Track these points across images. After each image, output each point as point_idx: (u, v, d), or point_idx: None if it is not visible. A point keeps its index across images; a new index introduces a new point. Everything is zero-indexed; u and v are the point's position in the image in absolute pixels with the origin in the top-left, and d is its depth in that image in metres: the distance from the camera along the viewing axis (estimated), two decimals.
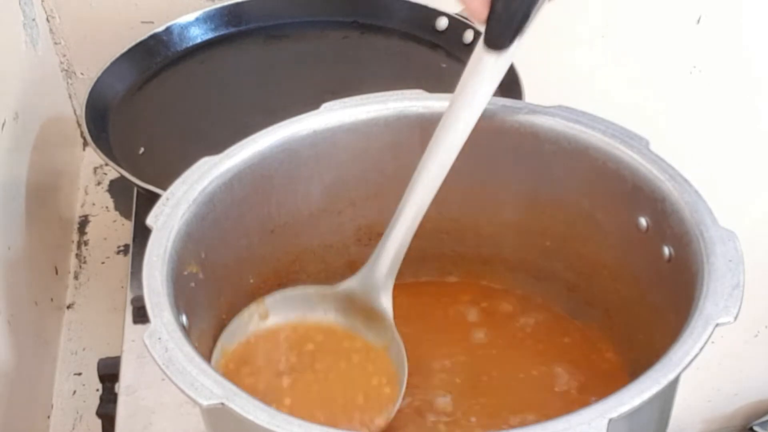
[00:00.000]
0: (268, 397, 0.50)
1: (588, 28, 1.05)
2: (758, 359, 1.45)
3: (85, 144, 0.96)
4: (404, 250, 0.52)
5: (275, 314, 0.54)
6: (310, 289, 0.55)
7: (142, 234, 0.63)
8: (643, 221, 0.50)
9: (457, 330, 0.58)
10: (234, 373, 0.51)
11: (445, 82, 0.82)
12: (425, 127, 0.55)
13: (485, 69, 0.47)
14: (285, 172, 0.54)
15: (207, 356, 0.41)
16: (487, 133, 0.54)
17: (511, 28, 0.45)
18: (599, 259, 0.55)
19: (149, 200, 0.59)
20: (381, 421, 0.51)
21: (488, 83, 0.48)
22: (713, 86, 1.13)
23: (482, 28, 0.46)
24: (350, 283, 0.54)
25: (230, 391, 0.39)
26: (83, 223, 0.90)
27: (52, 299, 0.81)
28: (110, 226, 0.89)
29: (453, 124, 0.49)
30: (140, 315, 0.68)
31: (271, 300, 0.55)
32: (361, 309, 0.54)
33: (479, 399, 0.54)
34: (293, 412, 0.46)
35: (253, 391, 0.41)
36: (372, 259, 0.53)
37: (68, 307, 0.83)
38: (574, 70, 1.07)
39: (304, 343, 0.53)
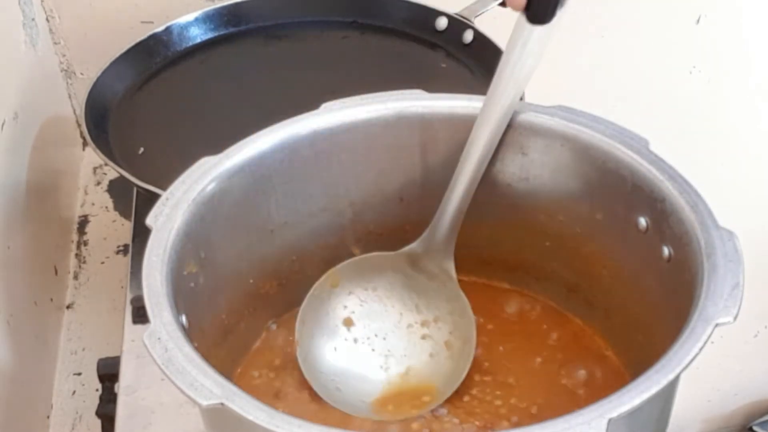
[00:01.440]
0: None
1: (588, 28, 1.05)
2: (758, 359, 1.45)
3: (85, 144, 0.96)
4: (462, 214, 0.54)
5: (345, 279, 0.57)
6: (374, 255, 0.57)
7: (141, 234, 0.63)
8: (642, 221, 0.50)
9: None
10: None
11: (445, 82, 0.82)
12: (425, 127, 0.55)
13: (530, 39, 0.48)
14: (285, 172, 0.54)
15: (207, 356, 0.41)
16: None
17: (552, 1, 0.46)
18: (599, 259, 0.55)
19: (149, 200, 0.59)
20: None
21: (534, 54, 0.49)
22: (713, 86, 1.13)
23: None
24: (414, 247, 0.56)
25: (230, 391, 0.39)
26: (83, 223, 0.90)
27: (51, 299, 0.81)
28: (110, 226, 0.89)
29: (500, 96, 0.50)
30: (140, 315, 0.68)
31: (341, 268, 0.57)
32: (424, 270, 0.56)
33: (478, 394, 0.54)
34: None
35: None
36: (432, 224, 0.55)
37: (68, 307, 0.83)
38: (574, 70, 1.07)
39: None
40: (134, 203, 0.81)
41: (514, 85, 0.50)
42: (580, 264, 0.56)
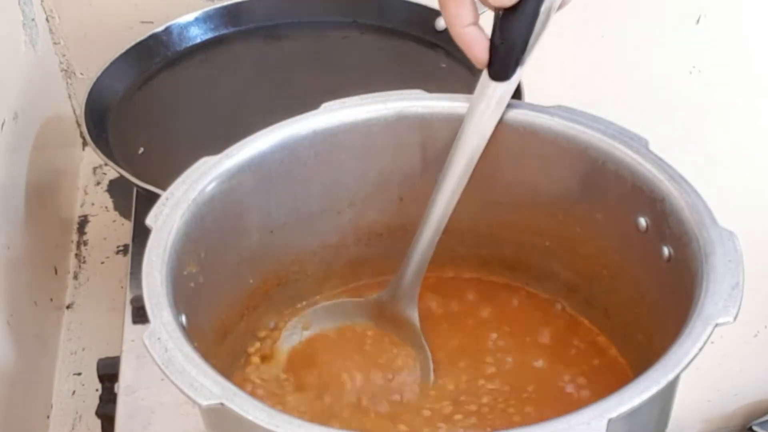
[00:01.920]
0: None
1: (588, 28, 1.05)
2: (758, 359, 1.45)
3: (85, 144, 0.96)
4: (426, 263, 0.55)
5: (316, 324, 0.58)
6: (345, 301, 0.58)
7: (141, 234, 0.63)
8: (642, 221, 0.50)
9: (458, 324, 0.58)
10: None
11: (444, 82, 0.82)
12: (425, 127, 0.55)
13: (492, 96, 0.51)
14: (285, 172, 0.54)
15: (206, 356, 0.41)
16: None
17: (512, 61, 0.50)
18: (599, 259, 0.55)
19: (149, 200, 0.59)
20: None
21: (495, 109, 0.52)
22: (713, 86, 1.13)
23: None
24: (381, 295, 0.57)
25: (229, 391, 0.39)
26: (83, 223, 0.90)
27: (51, 299, 0.81)
28: (110, 226, 0.89)
29: (465, 148, 0.52)
30: (140, 315, 0.68)
31: (312, 312, 0.58)
32: (390, 317, 0.57)
33: (481, 393, 0.54)
34: None
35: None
36: (398, 273, 0.55)
37: (68, 307, 0.83)
38: (574, 70, 1.07)
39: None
40: (134, 203, 0.81)
41: (478, 137, 0.52)
42: (580, 264, 0.56)
